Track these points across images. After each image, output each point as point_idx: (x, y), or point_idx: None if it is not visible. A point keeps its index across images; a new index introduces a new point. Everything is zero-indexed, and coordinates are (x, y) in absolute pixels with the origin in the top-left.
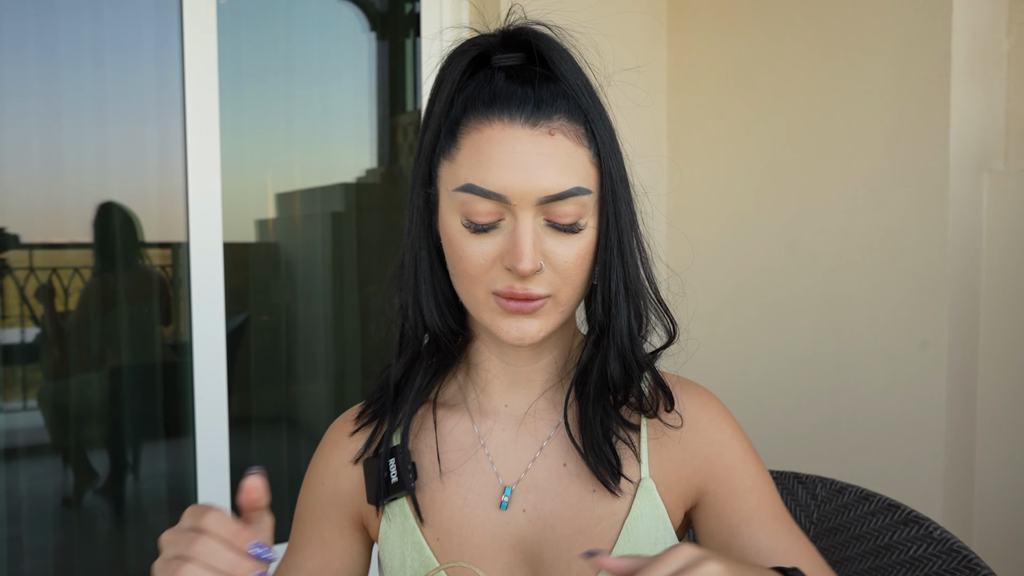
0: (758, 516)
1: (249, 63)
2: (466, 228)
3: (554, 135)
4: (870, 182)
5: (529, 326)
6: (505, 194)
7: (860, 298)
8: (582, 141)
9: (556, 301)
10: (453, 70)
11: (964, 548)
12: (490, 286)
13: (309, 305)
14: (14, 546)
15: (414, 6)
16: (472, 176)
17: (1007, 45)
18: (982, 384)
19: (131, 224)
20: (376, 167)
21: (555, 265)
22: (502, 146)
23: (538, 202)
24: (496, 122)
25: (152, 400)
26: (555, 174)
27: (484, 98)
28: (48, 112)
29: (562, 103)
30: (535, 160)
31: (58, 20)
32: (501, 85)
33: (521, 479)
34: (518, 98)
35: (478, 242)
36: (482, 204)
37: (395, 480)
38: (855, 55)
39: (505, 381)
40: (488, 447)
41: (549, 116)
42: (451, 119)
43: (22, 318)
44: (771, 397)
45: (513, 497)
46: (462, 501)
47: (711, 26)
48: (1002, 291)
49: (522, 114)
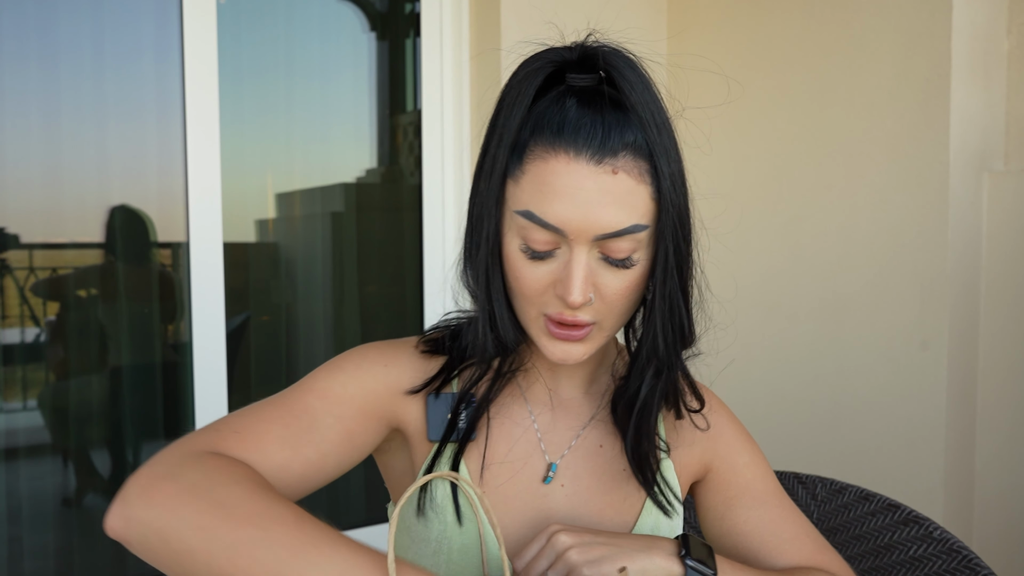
0: (751, 490)
1: (249, 63)
2: (523, 252)
3: (617, 173)
4: (870, 182)
5: (574, 350)
6: (563, 228)
7: (860, 298)
8: (644, 178)
9: (600, 327)
10: (528, 84)
11: (964, 548)
12: (542, 308)
13: (309, 305)
14: (14, 546)
15: (414, 6)
16: (533, 204)
17: (1007, 45)
18: (982, 384)
19: (142, 224)
20: (376, 167)
21: (604, 296)
22: (565, 179)
23: (594, 239)
24: (562, 155)
25: (152, 400)
26: (614, 212)
27: (554, 126)
28: (48, 112)
29: (629, 137)
30: (596, 197)
31: (58, 20)
32: (572, 113)
33: (565, 455)
34: (586, 131)
35: (533, 267)
36: (540, 233)
37: (462, 426)
38: (855, 55)
39: (550, 374)
40: (538, 426)
41: (615, 153)
42: (521, 140)
43: (22, 318)
44: (771, 397)
45: (555, 473)
46: (511, 468)
47: (711, 26)
48: (1002, 291)
49: (588, 149)
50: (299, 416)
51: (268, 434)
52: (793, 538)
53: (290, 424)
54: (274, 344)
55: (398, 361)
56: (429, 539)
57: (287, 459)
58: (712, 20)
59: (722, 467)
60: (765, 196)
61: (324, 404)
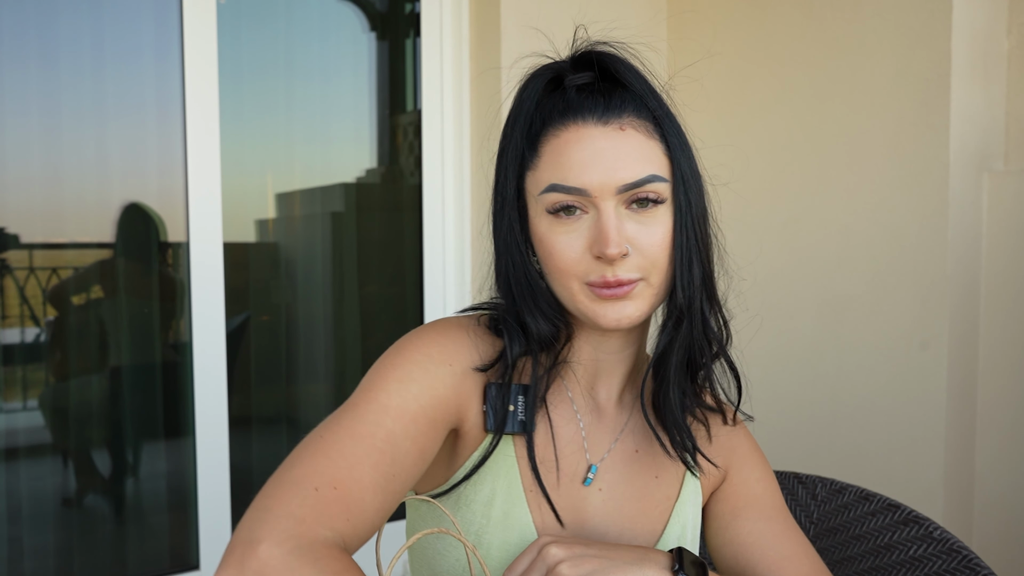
0: (758, 503)
1: (249, 63)
2: (553, 217)
3: (625, 130)
4: (870, 182)
5: (625, 308)
6: (586, 188)
7: (860, 298)
8: (653, 135)
9: (648, 284)
10: (530, 92)
11: (964, 548)
12: (583, 278)
13: (309, 305)
14: (14, 546)
15: (414, 6)
16: (554, 177)
17: (1007, 45)
18: (982, 384)
19: (153, 224)
20: (376, 167)
21: (641, 249)
22: (579, 145)
23: (617, 191)
24: (571, 125)
25: (152, 400)
26: (631, 164)
27: (559, 110)
28: (48, 112)
29: (630, 104)
30: (611, 153)
31: (58, 20)
32: (573, 97)
33: (604, 458)
34: (589, 102)
35: (566, 236)
36: (566, 199)
37: (521, 419)
38: (855, 55)
39: (592, 371)
40: (582, 420)
41: (619, 114)
42: (531, 134)
43: (22, 318)
44: (771, 397)
45: (595, 475)
46: (556, 468)
47: (711, 26)
48: (1002, 291)
49: (593, 115)
50: (384, 450)
51: (365, 488)
52: (792, 556)
53: (379, 464)
54: (274, 344)
55: (460, 354)
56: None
57: (382, 504)
58: (712, 20)
59: (735, 478)
60: (765, 195)
61: (402, 426)
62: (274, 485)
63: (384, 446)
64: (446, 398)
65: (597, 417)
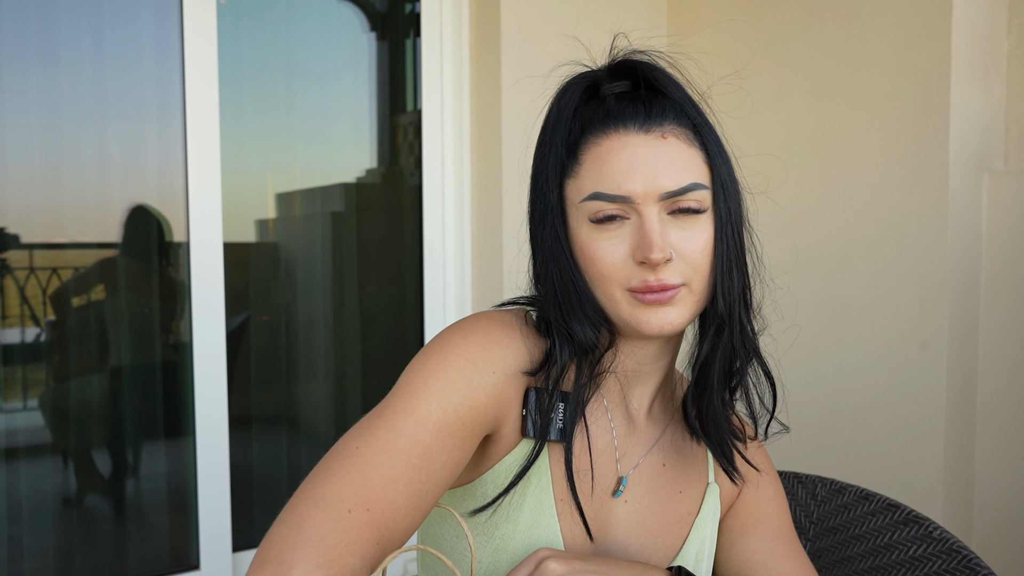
0: (768, 522)
1: (249, 63)
2: (595, 228)
3: (667, 137)
4: (870, 182)
5: (668, 314)
6: (630, 194)
7: (860, 298)
8: (693, 143)
9: (691, 290)
10: (568, 100)
11: (964, 548)
12: (625, 284)
13: (309, 305)
14: (14, 546)
15: (414, 6)
16: (597, 185)
17: (1007, 45)
18: (982, 384)
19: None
20: (376, 167)
21: (684, 255)
22: (621, 153)
23: (660, 198)
24: (612, 133)
25: (152, 400)
26: (674, 172)
27: (599, 117)
28: (48, 112)
29: (670, 112)
30: (653, 161)
31: (58, 20)
32: (613, 105)
33: (632, 473)
34: (630, 110)
35: (608, 242)
36: (609, 207)
37: (560, 426)
38: (855, 55)
39: (626, 381)
40: (615, 431)
41: (660, 123)
42: (570, 141)
43: (22, 318)
44: None
45: (625, 488)
46: (591, 479)
47: (711, 26)
48: (1002, 291)
49: (635, 123)
50: (420, 468)
51: (398, 508)
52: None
53: (413, 482)
54: (274, 344)
55: (505, 359)
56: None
57: (412, 522)
58: (711, 20)
59: (747, 494)
60: (765, 196)
61: (440, 441)
62: (307, 502)
63: (420, 463)
64: (486, 407)
65: (630, 428)
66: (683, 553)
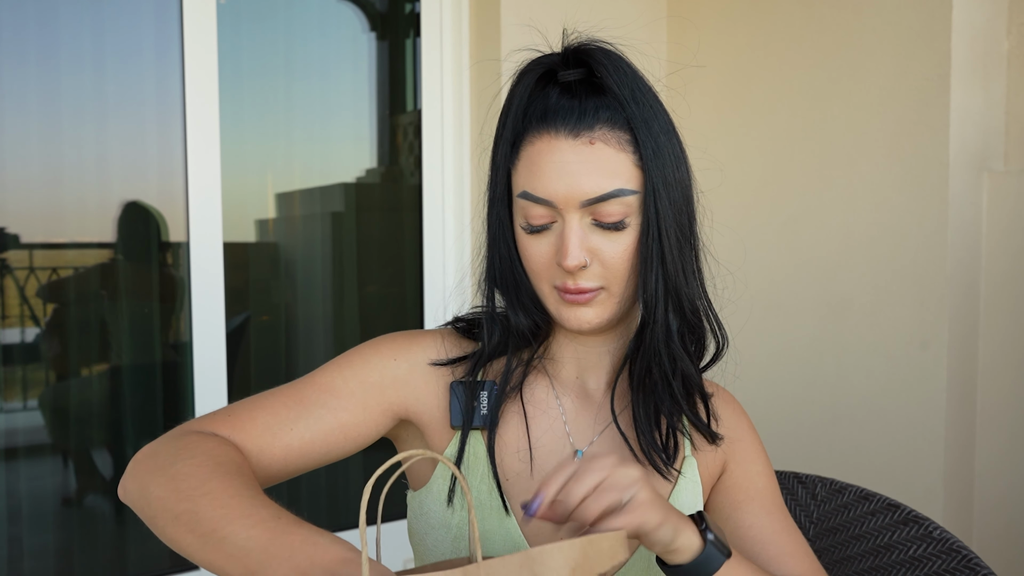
0: (760, 497)
1: (249, 63)
2: (524, 230)
3: (595, 143)
4: (870, 182)
5: (585, 314)
6: (552, 199)
7: (860, 298)
8: (625, 147)
9: (610, 293)
10: (521, 87)
11: (964, 548)
12: (552, 281)
13: (309, 305)
14: (14, 546)
15: (414, 6)
16: (527, 184)
17: (1007, 45)
18: (982, 384)
19: (147, 223)
20: (376, 167)
21: (603, 261)
22: (549, 156)
23: (581, 205)
24: (545, 135)
25: (152, 400)
26: (596, 179)
27: (538, 113)
28: (48, 112)
29: (604, 114)
30: (577, 168)
31: (58, 20)
32: (553, 101)
33: (590, 446)
34: (564, 112)
35: (536, 242)
36: (535, 209)
37: (483, 412)
38: (855, 55)
39: (578, 363)
40: (564, 411)
41: (591, 127)
42: (516, 132)
43: (22, 318)
44: (771, 397)
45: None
46: (537, 455)
47: (711, 26)
48: (1002, 291)
49: (565, 127)
50: (290, 406)
51: (255, 420)
52: (793, 553)
53: (278, 412)
54: (274, 344)
55: (412, 350)
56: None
57: (268, 443)
58: (712, 20)
59: (736, 470)
60: (764, 195)
61: (319, 396)
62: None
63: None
64: (381, 386)
65: (585, 405)
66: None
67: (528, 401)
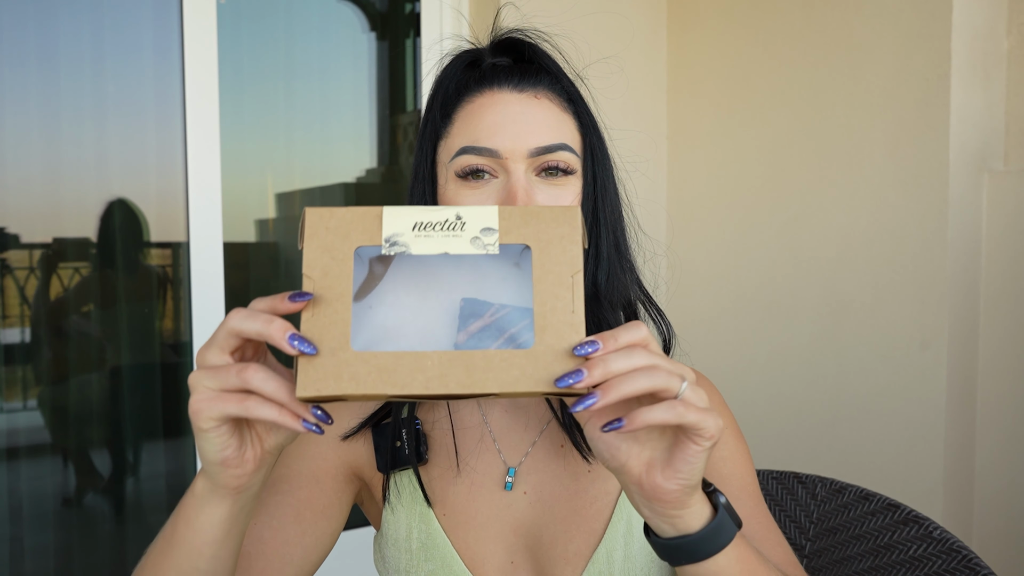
0: (724, 485)
1: (249, 64)
2: (461, 180)
3: (540, 99)
4: (870, 182)
5: None
6: (497, 149)
7: (860, 298)
8: (567, 109)
9: None
10: (448, 72)
11: (964, 548)
12: None
13: None
14: (14, 546)
15: (414, 6)
16: (466, 140)
17: (1007, 45)
18: (982, 384)
19: (137, 223)
20: (376, 167)
21: None
22: (493, 108)
23: (529, 155)
24: (486, 91)
25: (152, 400)
26: (544, 130)
27: (475, 78)
28: (49, 112)
29: (545, 79)
30: (524, 118)
31: (59, 21)
32: (488, 70)
33: (523, 461)
34: (505, 72)
35: (473, 198)
36: (476, 160)
37: (406, 452)
38: (855, 55)
39: None
40: (492, 429)
41: (535, 85)
42: (444, 104)
43: (22, 318)
44: (771, 397)
45: (516, 479)
46: (469, 480)
47: (711, 26)
48: (1002, 291)
49: (509, 83)
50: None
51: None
52: (764, 541)
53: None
54: None
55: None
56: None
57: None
58: (712, 20)
59: None
60: (764, 195)
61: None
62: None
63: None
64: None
65: (513, 417)
66: (608, 537)
67: (457, 425)
